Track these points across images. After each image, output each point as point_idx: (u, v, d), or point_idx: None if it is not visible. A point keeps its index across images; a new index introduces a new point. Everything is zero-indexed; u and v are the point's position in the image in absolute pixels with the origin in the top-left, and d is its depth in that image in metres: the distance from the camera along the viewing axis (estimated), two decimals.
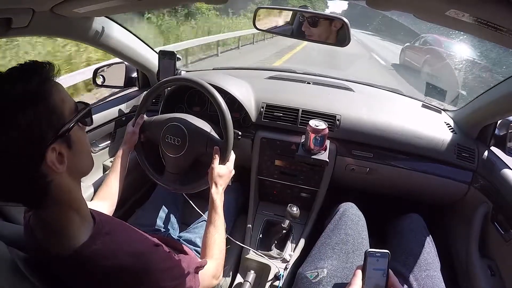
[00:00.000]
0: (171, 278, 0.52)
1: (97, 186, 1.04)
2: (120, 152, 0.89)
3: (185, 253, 0.89)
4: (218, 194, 0.81)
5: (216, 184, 0.82)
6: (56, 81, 0.47)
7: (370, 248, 0.66)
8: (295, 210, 0.98)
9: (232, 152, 0.90)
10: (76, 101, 0.51)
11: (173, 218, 1.06)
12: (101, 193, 0.82)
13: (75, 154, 0.47)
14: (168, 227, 1.02)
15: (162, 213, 1.04)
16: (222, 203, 0.81)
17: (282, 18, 1.03)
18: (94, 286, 0.47)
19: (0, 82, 0.42)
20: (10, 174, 0.42)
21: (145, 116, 0.97)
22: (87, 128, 0.69)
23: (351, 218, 0.91)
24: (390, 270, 0.64)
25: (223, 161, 0.87)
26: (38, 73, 0.44)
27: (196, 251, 0.91)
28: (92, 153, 1.05)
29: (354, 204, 0.98)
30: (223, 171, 0.85)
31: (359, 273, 0.64)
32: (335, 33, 0.90)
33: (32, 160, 0.42)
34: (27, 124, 0.41)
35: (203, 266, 0.63)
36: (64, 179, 0.46)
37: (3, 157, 0.40)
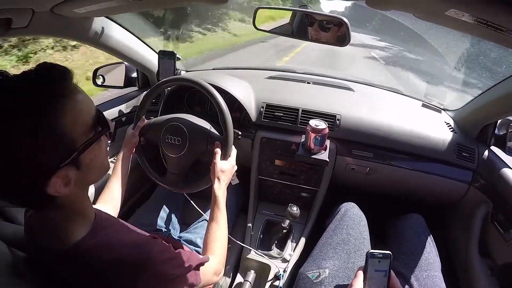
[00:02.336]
0: (170, 269, 0.52)
1: (97, 186, 1.04)
2: (120, 156, 0.89)
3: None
4: (220, 190, 0.81)
5: (218, 180, 0.82)
6: (74, 90, 0.42)
7: (371, 248, 0.66)
8: (295, 210, 0.98)
9: (233, 147, 0.89)
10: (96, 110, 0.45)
11: (173, 218, 1.06)
12: (104, 197, 0.82)
13: (85, 172, 0.44)
14: (169, 227, 1.02)
15: (163, 213, 1.04)
16: (224, 199, 0.81)
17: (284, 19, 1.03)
18: (95, 279, 0.47)
19: (7, 87, 0.38)
20: (12, 186, 0.39)
21: (144, 118, 0.97)
22: None
23: (353, 218, 0.91)
24: (391, 271, 0.63)
25: (224, 156, 0.87)
26: (50, 87, 0.39)
27: (197, 251, 0.91)
28: None
29: (355, 204, 0.98)
30: (225, 166, 0.84)
31: (360, 274, 0.64)
32: (337, 33, 0.91)
33: (34, 183, 0.39)
34: (28, 147, 0.37)
35: (204, 263, 0.62)
36: (71, 192, 0.43)
37: (4, 172, 0.38)
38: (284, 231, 1.03)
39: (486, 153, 1.03)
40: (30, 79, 0.39)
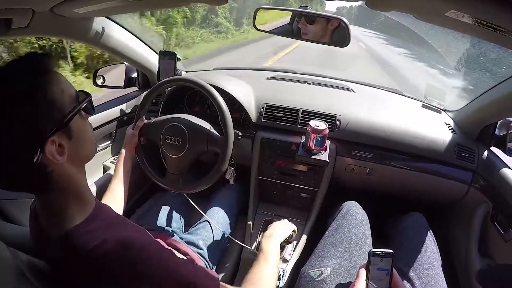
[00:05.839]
0: (167, 272, 0.49)
1: (98, 185, 1.04)
2: (121, 157, 0.89)
3: (187, 254, 0.88)
4: (272, 243, 0.79)
5: (271, 235, 0.81)
6: (56, 71, 0.47)
7: (373, 247, 0.66)
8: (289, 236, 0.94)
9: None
10: (77, 90, 0.51)
11: (173, 219, 1.06)
12: (106, 198, 0.81)
13: (76, 143, 0.48)
14: (169, 228, 1.02)
15: (163, 214, 1.04)
16: (276, 254, 0.77)
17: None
18: (82, 269, 0.46)
19: (3, 69, 0.42)
20: (10, 164, 0.42)
21: (144, 118, 0.97)
22: None
23: (355, 217, 0.91)
24: (394, 269, 0.63)
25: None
26: (37, 66, 0.45)
27: (198, 253, 0.91)
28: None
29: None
30: (282, 229, 0.85)
31: (362, 272, 0.64)
32: (333, 32, 0.90)
33: (32, 152, 0.42)
34: (25, 117, 0.41)
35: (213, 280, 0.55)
36: (66, 168, 0.47)
37: (3, 149, 0.41)
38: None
39: (486, 153, 1.03)
40: (18, 62, 0.44)
